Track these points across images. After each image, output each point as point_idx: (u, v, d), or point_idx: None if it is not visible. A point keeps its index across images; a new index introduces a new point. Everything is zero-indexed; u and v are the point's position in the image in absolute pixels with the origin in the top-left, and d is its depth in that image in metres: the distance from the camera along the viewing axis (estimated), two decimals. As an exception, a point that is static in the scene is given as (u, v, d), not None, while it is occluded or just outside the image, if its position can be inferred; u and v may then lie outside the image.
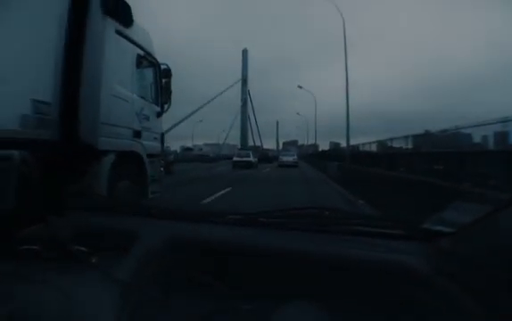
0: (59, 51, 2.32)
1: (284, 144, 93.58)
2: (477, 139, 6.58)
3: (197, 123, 50.33)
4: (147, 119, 3.89)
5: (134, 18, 3.41)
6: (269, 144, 79.08)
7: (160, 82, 4.26)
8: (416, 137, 9.26)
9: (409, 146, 9.43)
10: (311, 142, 54.67)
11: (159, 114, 4.25)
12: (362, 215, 1.59)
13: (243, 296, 0.66)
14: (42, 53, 2.17)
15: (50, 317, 0.56)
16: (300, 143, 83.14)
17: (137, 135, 3.63)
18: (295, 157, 24.11)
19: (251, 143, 61.58)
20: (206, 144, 59.82)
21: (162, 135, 4.44)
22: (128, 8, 3.28)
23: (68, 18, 2.42)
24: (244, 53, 61.10)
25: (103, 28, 2.93)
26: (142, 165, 3.68)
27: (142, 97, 3.81)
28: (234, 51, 59.47)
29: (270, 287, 0.70)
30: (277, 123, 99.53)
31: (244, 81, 59.31)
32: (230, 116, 58.79)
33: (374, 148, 13.22)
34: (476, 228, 0.63)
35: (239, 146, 49.40)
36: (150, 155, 3.89)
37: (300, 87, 30.97)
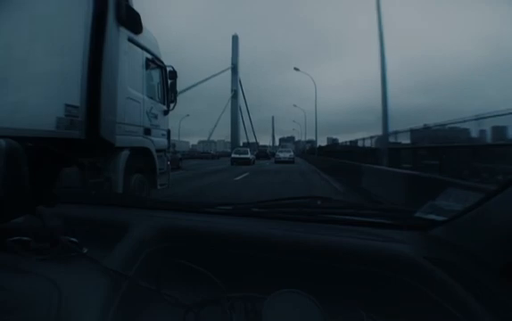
0: (84, 60, 2.73)
1: (280, 140, 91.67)
2: (474, 134, 6.39)
3: (185, 119, 46.60)
4: (156, 117, 4.27)
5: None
6: (265, 141, 77.69)
7: (166, 83, 4.63)
8: (417, 131, 8.31)
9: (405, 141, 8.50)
10: (309, 137, 52.21)
11: (165, 112, 4.64)
12: (355, 204, 1.59)
13: (234, 286, 0.66)
14: (71, 63, 2.55)
15: (40, 308, 0.56)
16: (296, 139, 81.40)
17: (147, 132, 4.02)
18: (292, 153, 25.70)
19: (243, 139, 57.26)
20: (200, 142, 56.62)
21: (169, 131, 4.82)
22: (138, 17, 3.63)
23: (90, 32, 2.82)
24: (235, 39, 56.41)
25: (118, 38, 3.32)
26: (152, 159, 4.07)
27: (151, 97, 4.19)
28: (228, 46, 56.34)
29: (262, 276, 0.70)
30: (273, 118, 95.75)
31: (235, 69, 54.60)
32: (224, 112, 54.85)
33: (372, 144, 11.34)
34: (468, 216, 0.63)
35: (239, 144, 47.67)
36: (158, 150, 4.28)
37: (296, 70, 29.48)
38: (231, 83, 55.19)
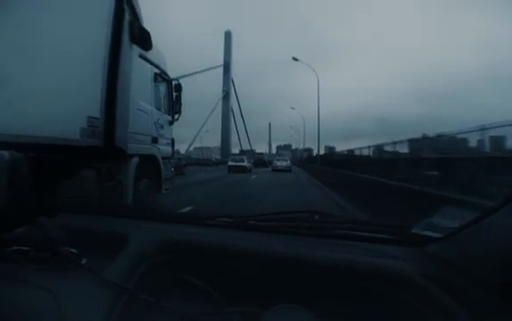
0: (104, 76, 3.07)
1: (277, 148, 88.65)
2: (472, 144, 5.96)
3: (176, 125, 46.09)
4: (162, 127, 4.60)
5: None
6: (261, 148, 75.92)
7: (171, 95, 4.98)
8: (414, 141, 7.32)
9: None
10: (307, 145, 51.02)
11: (170, 123, 4.97)
12: (352, 219, 1.60)
13: (232, 298, 0.66)
14: (93, 79, 2.87)
15: (39, 319, 0.56)
16: (294, 146, 78.40)
17: (155, 140, 4.34)
18: (289, 162, 26.46)
19: (237, 146, 53.76)
20: (195, 148, 54.11)
21: (173, 140, 5.15)
22: (148, 35, 3.96)
23: (109, 51, 3.20)
24: (227, 35, 52.62)
25: (131, 54, 3.67)
26: (158, 166, 4.37)
27: (158, 109, 4.52)
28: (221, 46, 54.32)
29: (259, 290, 0.70)
30: (270, 125, 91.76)
31: (227, 68, 50.78)
32: (217, 117, 50.67)
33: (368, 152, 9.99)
34: (464, 234, 0.64)
35: (236, 150, 46.03)
36: (164, 157, 4.59)
37: (295, 60, 25.22)
38: (222, 83, 51.55)
